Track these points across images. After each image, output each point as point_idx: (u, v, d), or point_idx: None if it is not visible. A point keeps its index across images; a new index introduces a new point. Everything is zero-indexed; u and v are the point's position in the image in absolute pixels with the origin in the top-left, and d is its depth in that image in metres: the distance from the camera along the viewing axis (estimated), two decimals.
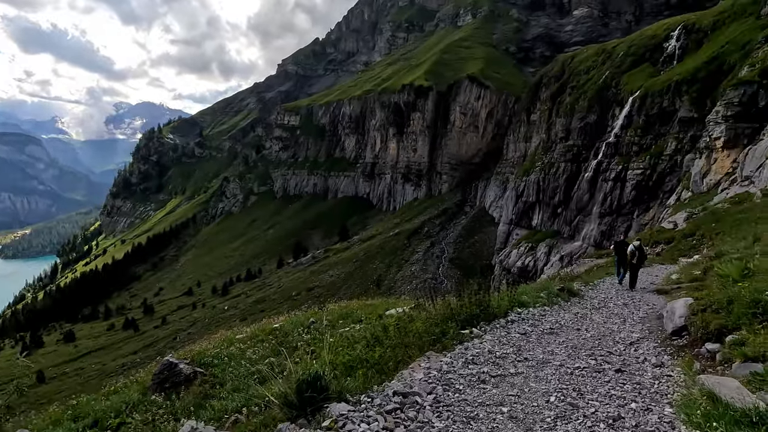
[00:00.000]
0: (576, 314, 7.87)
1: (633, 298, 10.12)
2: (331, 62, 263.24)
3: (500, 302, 7.26)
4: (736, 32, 63.51)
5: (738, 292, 5.29)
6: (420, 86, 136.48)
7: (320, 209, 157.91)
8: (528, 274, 75.60)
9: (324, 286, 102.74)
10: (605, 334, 6.66)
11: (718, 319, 5.15)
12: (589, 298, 9.77)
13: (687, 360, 4.99)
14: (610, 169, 68.95)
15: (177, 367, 6.05)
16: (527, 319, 7.11)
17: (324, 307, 10.38)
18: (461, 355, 5.17)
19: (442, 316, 6.13)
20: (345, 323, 7.90)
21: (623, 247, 13.41)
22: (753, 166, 27.55)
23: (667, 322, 6.47)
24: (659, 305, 8.76)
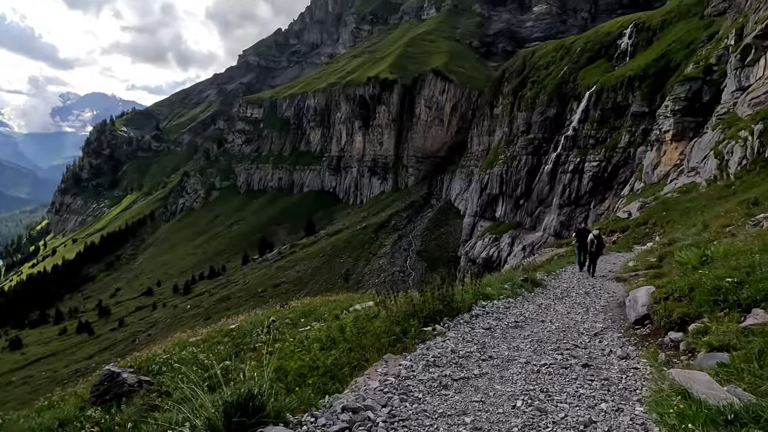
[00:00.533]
0: (540, 305, 7.82)
1: (594, 286, 10.22)
2: (294, 54, 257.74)
3: (464, 296, 7.08)
4: (682, 31, 67.13)
5: (698, 280, 5.25)
6: (385, 79, 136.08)
7: (286, 204, 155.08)
8: (492, 264, 77.42)
9: (291, 281, 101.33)
10: (569, 325, 6.59)
11: (681, 307, 5.11)
12: (552, 287, 9.81)
13: (652, 351, 4.93)
14: (569, 162, 71.40)
15: (119, 376, 5.51)
16: (492, 312, 6.98)
17: (286, 305, 9.98)
18: (422, 357, 4.89)
19: (404, 313, 5.89)
20: (307, 321, 7.57)
21: (585, 234, 13.53)
22: (698, 157, 29.21)
23: (629, 311, 6.42)
24: (619, 293, 8.89)
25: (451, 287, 6.87)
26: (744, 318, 4.22)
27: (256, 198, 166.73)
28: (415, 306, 6.10)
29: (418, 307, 6.10)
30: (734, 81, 30.60)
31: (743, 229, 8.95)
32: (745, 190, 16.89)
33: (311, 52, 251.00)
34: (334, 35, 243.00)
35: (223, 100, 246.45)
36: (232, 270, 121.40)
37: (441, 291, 6.58)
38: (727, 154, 23.54)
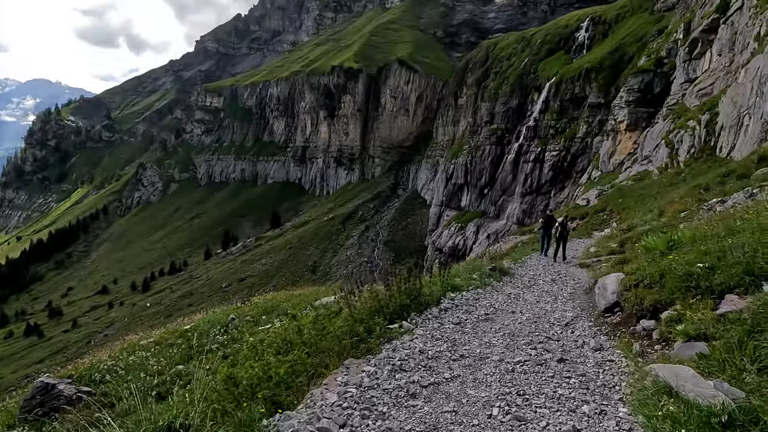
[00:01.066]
0: (509, 295, 7.77)
1: (559, 273, 10.34)
2: (255, 41, 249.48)
3: (432, 288, 6.88)
4: (635, 25, 69.86)
5: (669, 266, 5.09)
6: (350, 68, 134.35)
7: (249, 196, 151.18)
8: (458, 253, 78.75)
9: (257, 275, 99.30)
10: (540, 315, 6.51)
11: (652, 294, 4.97)
12: (519, 276, 9.82)
13: (625, 341, 4.81)
14: (530, 151, 73.21)
15: (55, 389, 4.90)
16: (461, 305, 6.79)
17: (247, 301, 9.50)
18: (388, 360, 4.48)
19: (368, 310, 5.54)
20: (269, 318, 7.17)
21: (551, 221, 13.95)
22: (651, 146, 30.60)
23: (599, 299, 6.31)
24: (584, 279, 9.01)
25: (419, 280, 6.59)
26: (718, 305, 4.06)
27: (218, 190, 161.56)
28: (381, 302, 5.79)
29: (384, 302, 5.80)
30: (683, 73, 32.16)
31: (697, 213, 9.30)
32: (694, 177, 17.79)
33: (273, 39, 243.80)
34: (296, 22, 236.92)
35: (180, 88, 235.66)
36: (195, 265, 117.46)
37: (408, 285, 6.28)
38: (677, 143, 24.79)
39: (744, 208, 6.66)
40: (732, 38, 24.27)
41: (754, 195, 7.78)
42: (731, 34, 24.42)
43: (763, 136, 15.21)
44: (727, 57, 24.41)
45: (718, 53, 26.33)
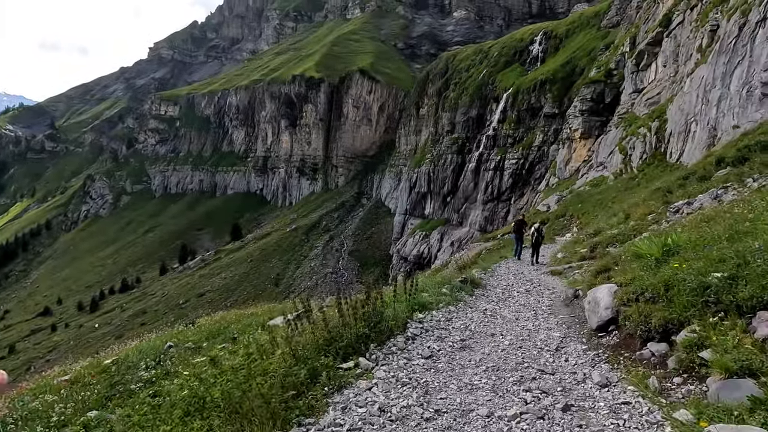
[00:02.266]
0: (485, 312, 7.01)
1: (532, 282, 9.82)
2: (213, 49, 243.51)
3: (397, 309, 5.80)
4: (584, 40, 73.65)
5: (674, 276, 4.28)
6: (311, 78, 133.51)
7: (208, 207, 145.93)
8: (423, 261, 78.98)
9: (216, 290, 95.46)
10: (523, 337, 5.67)
11: (659, 311, 4.11)
12: (492, 287, 9.22)
13: (636, 373, 3.84)
14: (491, 160, 74.95)
15: None
16: (432, 329, 5.82)
17: (191, 324, 8.52)
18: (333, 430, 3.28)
19: (315, 343, 4.38)
20: (215, 342, 6.27)
21: (522, 225, 14.47)
22: (605, 153, 31.89)
23: (590, 315, 5.48)
24: (559, 289, 8.59)
25: (381, 299, 5.46)
26: (750, 325, 3.29)
27: (174, 202, 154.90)
28: (332, 332, 4.59)
29: (336, 333, 4.60)
30: (631, 83, 33.88)
31: (665, 216, 9.37)
32: (648, 181, 18.48)
33: (232, 48, 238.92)
34: (255, 30, 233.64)
35: (133, 96, 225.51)
36: (149, 281, 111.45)
37: (366, 308, 5.03)
38: (630, 149, 25.91)
39: (728, 206, 6.30)
40: (675, 50, 25.85)
41: (719, 196, 7.90)
42: (674, 47, 26.02)
43: (711, 141, 16.03)
44: (672, 68, 25.96)
45: (663, 64, 27.98)
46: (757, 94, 13.89)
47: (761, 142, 9.64)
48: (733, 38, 16.12)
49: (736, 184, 8.20)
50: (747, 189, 7.50)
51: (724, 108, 15.73)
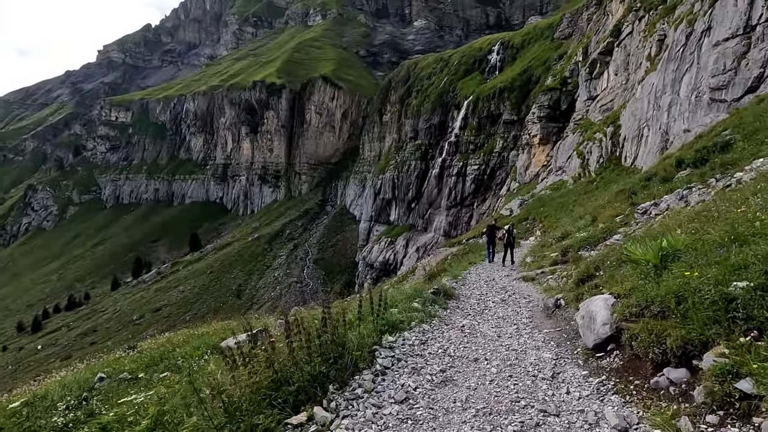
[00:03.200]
0: (462, 328, 6.31)
1: (506, 290, 9.37)
2: (168, 53, 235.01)
3: (362, 333, 4.76)
4: (539, 50, 76.65)
5: (684, 285, 3.63)
6: (273, 84, 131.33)
7: (165, 217, 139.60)
8: (389, 268, 78.80)
9: (174, 303, 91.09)
10: (512, 361, 4.89)
11: (674, 328, 3.41)
12: (466, 297, 8.66)
13: (661, 411, 3.10)
14: (453, 166, 76.14)
15: None
16: (405, 357, 4.87)
17: (132, 348, 7.61)
18: None
19: (256, 389, 3.32)
20: (156, 371, 5.50)
21: (494, 230, 14.69)
22: (563, 158, 32.99)
23: (584, 332, 4.79)
24: (534, 296, 8.26)
25: (343, 320, 4.48)
26: None
27: (126, 212, 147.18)
28: (279, 373, 3.50)
29: (284, 374, 3.51)
30: (585, 91, 35.36)
31: (633, 217, 9.49)
32: (606, 184, 19.13)
33: (188, 53, 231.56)
34: (214, 35, 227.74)
35: (80, 101, 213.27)
36: (99, 297, 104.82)
37: (324, 337, 3.97)
38: (587, 153, 26.91)
39: (703, 206, 5.99)
40: (626, 59, 27.23)
41: (684, 197, 8.07)
42: (625, 56, 27.40)
43: (664, 144, 16.81)
44: (623, 75, 27.30)
45: (614, 72, 29.38)
46: (705, 99, 14.71)
47: (718, 143, 10.10)
48: (681, 46, 17.11)
49: (700, 184, 8.44)
50: (711, 189, 7.70)
51: (674, 113, 16.60)
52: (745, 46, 13.52)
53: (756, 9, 13.34)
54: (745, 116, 10.81)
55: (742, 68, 13.38)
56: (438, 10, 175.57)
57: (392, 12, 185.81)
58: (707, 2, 15.97)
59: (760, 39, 12.99)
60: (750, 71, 13.07)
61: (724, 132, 10.58)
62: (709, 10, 15.60)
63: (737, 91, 13.44)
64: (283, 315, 4.98)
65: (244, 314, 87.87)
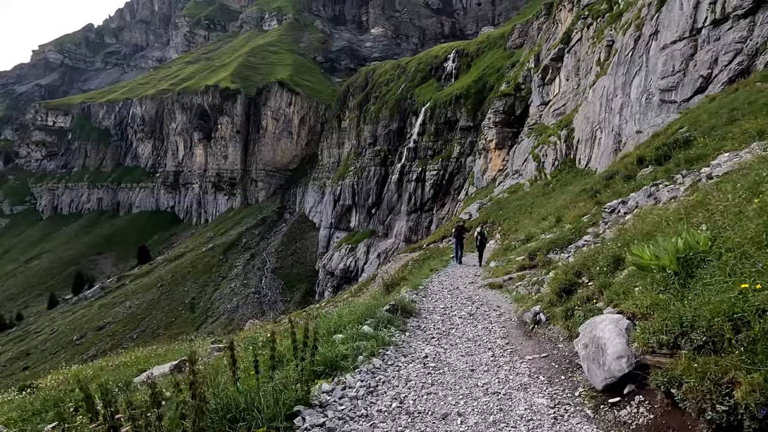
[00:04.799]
0: (425, 361, 4.96)
1: (471, 299, 8.40)
2: (113, 54, 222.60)
3: (284, 382, 3.34)
4: (492, 59, 78.94)
5: (742, 303, 2.54)
6: (227, 88, 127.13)
7: (110, 229, 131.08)
8: (350, 275, 77.71)
9: (120, 320, 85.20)
10: (494, 415, 3.58)
11: (745, 371, 2.25)
12: (427, 312, 7.51)
13: None
14: (412, 171, 76.53)
15: None
16: (342, 424, 3.39)
17: (26, 388, 6.30)
18: None
19: None
20: (44, 420, 4.38)
21: (462, 230, 14.83)
22: (519, 161, 33.62)
23: (589, 366, 3.57)
24: (505, 307, 7.36)
25: (255, 364, 3.18)
26: None
27: (66, 224, 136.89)
28: None
29: None
30: (538, 96, 36.35)
31: (600, 216, 9.19)
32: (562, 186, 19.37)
33: (135, 55, 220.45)
34: (163, 38, 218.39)
35: (12, 104, 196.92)
36: (34, 317, 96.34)
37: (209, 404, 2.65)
38: (543, 156, 27.46)
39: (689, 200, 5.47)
40: (576, 65, 28.15)
41: (653, 193, 7.88)
42: (575, 61, 28.32)
43: (617, 146, 17.22)
44: (575, 80, 28.19)
45: (566, 78, 30.35)
46: (655, 100, 15.15)
47: (679, 140, 10.19)
48: (630, 50, 17.67)
49: (666, 180, 8.33)
50: (679, 185, 7.55)
51: (626, 115, 17.05)
52: (692, 48, 14.03)
53: (701, 12, 13.89)
54: (699, 114, 11.05)
55: (690, 69, 13.87)
56: (394, 19, 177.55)
57: (349, 19, 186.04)
58: (654, 7, 16.59)
59: (705, 41, 13.52)
60: (698, 72, 13.54)
61: (680, 130, 10.74)
62: (656, 15, 16.19)
63: (686, 91, 13.89)
64: (218, 341, 3.90)
65: (197, 328, 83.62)
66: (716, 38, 12.93)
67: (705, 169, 7.16)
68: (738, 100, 9.90)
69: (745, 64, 11.91)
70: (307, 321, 4.62)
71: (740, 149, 7.12)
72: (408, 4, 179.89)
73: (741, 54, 12.04)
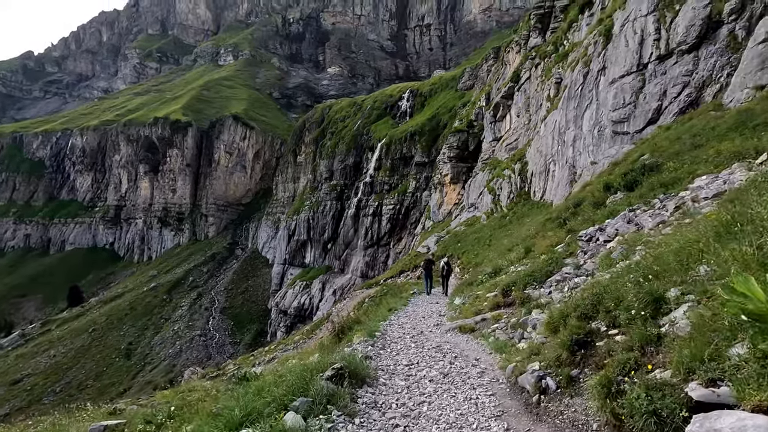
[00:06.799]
0: None
1: (442, 351, 6.77)
2: (53, 83, 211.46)
3: None
4: (445, 99, 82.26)
5: None
6: (177, 121, 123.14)
7: (37, 268, 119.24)
8: (305, 313, 74.45)
9: (41, 372, 75.87)
10: None
11: None
12: (387, 375, 5.58)
13: None
14: (369, 206, 76.22)
15: None
16: None
17: None
18: None
19: None
20: None
21: (430, 264, 15.46)
22: (475, 195, 33.94)
23: None
24: (484, 360, 5.94)
25: None
26: None
27: None
28: None
29: None
30: (491, 132, 37.49)
31: (577, 246, 8.50)
32: (519, 218, 19.28)
33: (79, 85, 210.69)
34: (110, 68, 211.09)
35: None
36: None
37: None
38: (498, 189, 27.75)
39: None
40: (526, 101, 29.29)
41: (632, 219, 7.39)
42: (525, 99, 29.49)
43: (572, 177, 17.43)
44: (525, 116, 29.23)
45: (516, 114, 31.47)
46: (608, 132, 15.54)
47: (646, 165, 10.08)
48: (579, 85, 18.36)
49: (644, 206, 7.91)
50: (659, 209, 7.12)
51: (579, 147, 17.42)
52: (640, 81, 14.62)
53: (646, 48, 14.60)
54: (658, 142, 11.19)
55: (640, 102, 14.36)
56: (350, 59, 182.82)
57: (306, 58, 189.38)
58: (600, 44, 17.46)
59: (653, 75, 14.11)
60: (648, 104, 14.02)
61: (642, 157, 10.74)
62: (602, 51, 17.01)
63: (639, 122, 14.31)
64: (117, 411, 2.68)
65: (134, 377, 75.88)
66: (663, 72, 13.55)
67: (683, 193, 6.82)
68: (696, 128, 10.09)
69: (693, 95, 12.45)
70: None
71: (717, 171, 6.90)
72: (363, 46, 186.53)
73: (689, 86, 12.62)
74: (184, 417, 3.33)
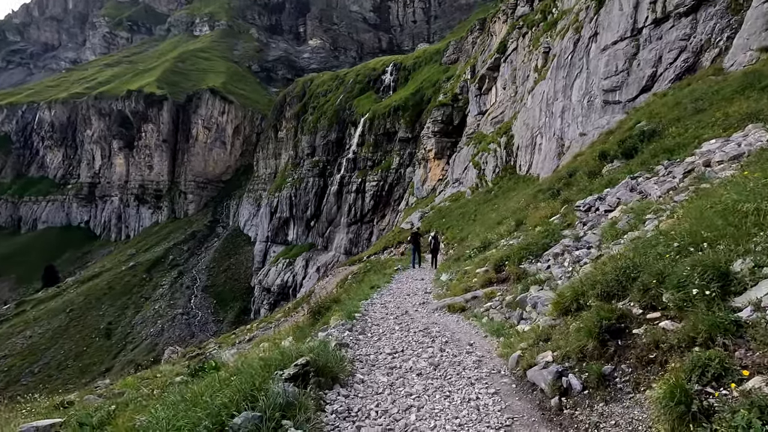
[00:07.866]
0: None
1: (430, 334, 6.07)
2: (17, 53, 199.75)
3: None
4: (429, 73, 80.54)
5: None
6: (152, 94, 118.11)
7: (9, 247, 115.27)
8: (288, 290, 74.13)
9: (17, 353, 74.35)
10: None
11: None
12: (366, 365, 4.86)
13: None
14: (352, 182, 75.17)
15: None
16: None
17: None
18: None
19: None
20: None
21: (418, 237, 15.43)
22: (459, 170, 33.42)
23: None
24: (479, 345, 5.21)
25: None
26: None
27: None
28: None
29: None
30: (476, 106, 36.70)
31: (575, 216, 7.94)
32: (504, 192, 18.88)
33: (45, 55, 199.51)
34: (78, 37, 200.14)
35: None
36: None
37: None
38: (483, 164, 27.28)
39: None
40: (513, 73, 28.54)
41: (635, 188, 6.91)
42: (512, 70, 28.73)
43: (560, 149, 17.00)
44: (512, 89, 28.53)
45: (503, 87, 30.75)
46: (598, 102, 15.06)
47: (645, 132, 9.61)
48: (569, 53, 17.72)
49: (647, 173, 7.44)
50: (665, 176, 6.66)
51: (568, 118, 16.93)
52: (634, 47, 14.05)
53: (641, 12, 13.99)
54: (655, 109, 10.70)
55: (634, 68, 13.85)
56: (332, 31, 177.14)
57: (286, 29, 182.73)
58: (592, 9, 16.74)
59: (647, 40, 13.56)
60: (642, 71, 13.52)
61: (639, 124, 10.26)
62: (594, 17, 16.32)
63: (632, 91, 13.83)
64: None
65: (115, 357, 74.98)
66: (658, 37, 13.00)
67: (690, 158, 6.35)
68: (698, 92, 9.62)
69: (690, 61, 11.97)
70: None
71: (727, 135, 6.46)
72: (346, 18, 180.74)
73: (686, 51, 12.12)
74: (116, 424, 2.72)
